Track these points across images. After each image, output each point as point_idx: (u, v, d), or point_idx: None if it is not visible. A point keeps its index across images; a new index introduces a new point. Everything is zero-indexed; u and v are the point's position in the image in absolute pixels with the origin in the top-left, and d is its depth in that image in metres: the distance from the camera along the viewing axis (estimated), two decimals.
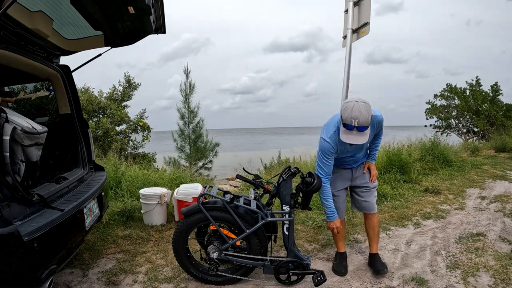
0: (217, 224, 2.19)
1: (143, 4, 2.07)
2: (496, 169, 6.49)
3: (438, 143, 7.07)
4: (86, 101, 9.64)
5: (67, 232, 1.88)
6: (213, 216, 2.13)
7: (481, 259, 2.58)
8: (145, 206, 3.36)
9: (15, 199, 1.60)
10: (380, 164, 5.46)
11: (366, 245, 2.91)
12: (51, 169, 2.58)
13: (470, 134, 16.16)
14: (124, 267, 2.50)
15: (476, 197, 4.44)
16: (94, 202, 2.33)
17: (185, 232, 2.22)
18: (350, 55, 4.41)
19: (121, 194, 4.21)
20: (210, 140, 9.75)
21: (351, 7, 4.35)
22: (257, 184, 2.28)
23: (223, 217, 2.13)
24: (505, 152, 8.92)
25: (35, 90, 3.67)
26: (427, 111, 17.42)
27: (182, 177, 5.08)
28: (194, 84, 9.66)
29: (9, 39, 1.97)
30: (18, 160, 1.70)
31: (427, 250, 2.78)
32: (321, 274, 2.13)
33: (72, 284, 2.27)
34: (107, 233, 3.10)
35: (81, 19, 2.35)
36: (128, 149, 10.37)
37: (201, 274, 2.28)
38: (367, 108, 1.91)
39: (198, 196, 2.19)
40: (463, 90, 16.05)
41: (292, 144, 28.32)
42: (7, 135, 1.62)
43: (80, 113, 2.81)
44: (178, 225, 2.25)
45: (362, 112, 1.88)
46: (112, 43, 2.73)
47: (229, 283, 2.27)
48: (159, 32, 2.76)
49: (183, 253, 2.26)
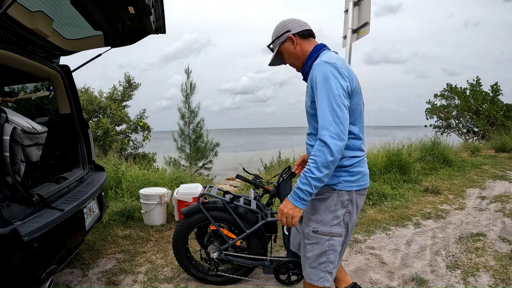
0: (217, 224, 2.19)
1: (143, 4, 2.07)
2: (496, 169, 6.49)
3: (438, 143, 7.07)
4: (86, 101, 9.65)
5: (67, 232, 1.88)
6: (213, 216, 2.12)
7: (481, 259, 2.58)
8: (145, 206, 3.36)
9: (15, 199, 1.60)
10: (380, 164, 5.47)
11: (366, 245, 2.91)
12: (51, 169, 2.58)
13: (470, 134, 16.17)
14: (124, 267, 2.50)
15: (476, 197, 4.44)
16: (94, 202, 2.33)
17: (185, 232, 2.22)
18: (350, 55, 4.41)
19: (121, 194, 4.21)
20: (210, 140, 9.77)
21: (351, 7, 4.35)
22: (257, 184, 2.28)
23: (223, 217, 2.13)
24: (505, 152, 8.92)
25: (35, 90, 3.68)
26: (427, 111, 17.44)
27: (182, 177, 5.08)
28: (195, 84, 9.69)
29: (9, 39, 1.97)
30: (18, 160, 1.70)
31: (427, 250, 2.78)
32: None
33: (72, 284, 2.27)
34: (107, 233, 3.10)
35: (81, 19, 2.35)
36: (128, 149, 10.38)
37: (201, 274, 2.28)
38: (279, 23, 1.56)
39: (198, 196, 2.19)
40: (463, 90, 16.06)
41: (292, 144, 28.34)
42: (7, 135, 1.62)
43: (80, 113, 2.81)
44: (178, 225, 2.25)
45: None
46: (112, 43, 2.73)
47: (229, 283, 2.27)
48: (159, 32, 2.76)
49: (183, 253, 2.26)
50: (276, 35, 1.54)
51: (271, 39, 1.57)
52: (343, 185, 1.41)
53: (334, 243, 1.44)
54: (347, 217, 1.44)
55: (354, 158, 1.42)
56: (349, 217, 1.45)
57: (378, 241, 3.00)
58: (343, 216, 1.44)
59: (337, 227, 1.43)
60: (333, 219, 1.43)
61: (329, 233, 1.43)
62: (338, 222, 1.43)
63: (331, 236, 1.43)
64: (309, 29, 1.53)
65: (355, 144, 1.43)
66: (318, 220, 1.45)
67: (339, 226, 1.44)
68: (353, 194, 1.42)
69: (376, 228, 3.31)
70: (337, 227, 1.43)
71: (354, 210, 1.46)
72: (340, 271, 1.80)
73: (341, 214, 1.43)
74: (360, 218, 3.59)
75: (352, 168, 1.41)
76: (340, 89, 1.30)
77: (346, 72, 1.34)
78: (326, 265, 1.45)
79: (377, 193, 4.32)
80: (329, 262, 1.45)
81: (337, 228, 1.43)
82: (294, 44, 1.51)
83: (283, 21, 1.56)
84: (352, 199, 1.43)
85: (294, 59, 1.54)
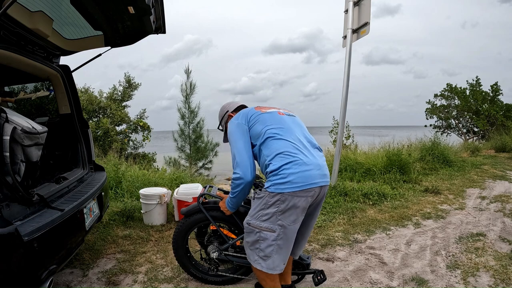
0: (217, 224, 2.19)
1: (143, 4, 2.07)
2: (496, 169, 6.49)
3: (438, 143, 7.08)
4: (86, 101, 9.64)
5: (67, 232, 1.88)
6: (213, 216, 2.12)
7: (481, 259, 2.58)
8: (145, 206, 3.36)
9: (15, 199, 1.60)
10: (380, 164, 5.47)
11: (366, 245, 2.91)
12: (51, 169, 2.58)
13: (470, 134, 16.16)
14: (124, 267, 2.50)
15: (476, 197, 4.44)
16: (94, 202, 2.33)
17: (185, 232, 2.22)
18: (350, 55, 4.42)
19: (121, 194, 4.21)
20: (210, 140, 9.76)
21: (351, 7, 4.36)
22: (257, 184, 2.29)
23: (223, 217, 2.13)
24: (505, 152, 8.93)
25: (35, 90, 3.68)
26: (427, 111, 17.42)
27: (182, 177, 5.08)
28: (195, 84, 9.68)
29: (9, 39, 1.97)
30: (18, 160, 1.70)
31: (427, 250, 2.78)
32: (321, 274, 2.13)
33: (72, 284, 2.27)
34: (107, 233, 3.10)
35: (81, 19, 2.35)
36: (128, 149, 10.36)
37: (201, 274, 2.28)
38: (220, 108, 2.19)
39: (198, 196, 2.19)
40: (463, 90, 16.05)
41: None
42: (7, 135, 1.62)
43: (80, 113, 2.81)
44: (178, 225, 2.25)
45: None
46: (112, 43, 2.73)
47: (230, 283, 2.27)
48: (159, 32, 2.76)
49: (183, 253, 2.26)
50: (220, 118, 2.15)
51: (219, 123, 2.17)
52: (274, 188, 1.62)
53: (264, 236, 1.68)
54: (279, 215, 1.64)
55: (282, 162, 1.64)
56: (283, 216, 1.64)
57: (378, 241, 3.00)
58: (273, 214, 1.64)
59: (267, 223, 1.67)
60: (262, 216, 1.68)
61: (259, 227, 1.69)
62: (268, 218, 1.66)
63: (261, 230, 1.69)
64: (241, 105, 2.13)
65: (279, 149, 1.66)
66: (251, 215, 1.75)
67: (269, 223, 1.66)
68: (285, 196, 1.61)
69: (376, 228, 3.31)
70: (267, 223, 1.67)
71: (291, 211, 1.63)
72: (286, 271, 2.02)
73: (271, 212, 1.65)
74: (360, 218, 3.59)
75: (281, 171, 1.62)
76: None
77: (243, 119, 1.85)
78: (259, 251, 1.72)
79: (377, 193, 4.32)
80: (260, 250, 1.71)
81: (267, 223, 1.67)
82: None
83: (221, 107, 2.17)
84: (285, 200, 1.61)
85: None
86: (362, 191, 4.31)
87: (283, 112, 1.93)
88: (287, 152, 1.65)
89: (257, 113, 1.85)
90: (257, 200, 1.72)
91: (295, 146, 1.69)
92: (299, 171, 1.61)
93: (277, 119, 1.82)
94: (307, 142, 1.78)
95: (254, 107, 1.96)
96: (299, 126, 1.89)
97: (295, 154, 1.65)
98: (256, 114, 1.84)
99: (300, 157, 1.65)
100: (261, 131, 1.76)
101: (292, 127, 1.80)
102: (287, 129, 1.76)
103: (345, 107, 4.50)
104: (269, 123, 1.78)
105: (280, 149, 1.67)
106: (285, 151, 1.66)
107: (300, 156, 1.65)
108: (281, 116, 1.86)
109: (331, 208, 3.84)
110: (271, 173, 1.65)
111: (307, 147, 1.75)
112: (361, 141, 8.98)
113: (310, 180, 1.62)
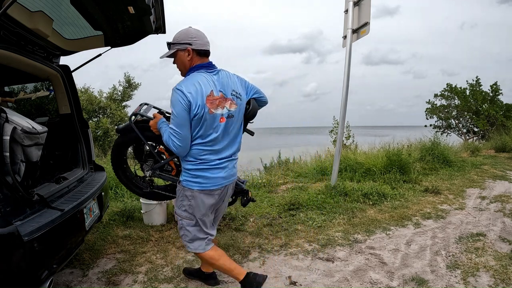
0: (150, 143, 2.17)
1: (143, 4, 2.07)
2: (496, 169, 6.49)
3: (438, 143, 7.07)
4: (86, 101, 9.65)
5: (67, 232, 1.88)
6: (146, 136, 2.08)
7: (481, 259, 2.58)
8: (145, 206, 3.36)
9: (15, 199, 1.60)
10: (380, 164, 5.47)
11: (366, 245, 2.91)
12: (51, 169, 2.58)
13: (470, 134, 16.15)
14: (124, 267, 2.50)
15: (476, 197, 4.44)
16: (94, 202, 2.33)
17: (120, 151, 2.29)
18: (350, 55, 4.42)
19: (121, 194, 4.21)
20: None
21: (351, 7, 4.36)
22: None
23: (156, 137, 2.04)
24: (505, 152, 8.92)
25: (35, 90, 3.67)
26: (427, 111, 17.41)
27: None
28: None
29: (9, 39, 1.97)
30: (18, 160, 1.70)
31: (427, 250, 2.78)
32: (246, 194, 2.24)
33: (72, 284, 2.27)
34: (107, 233, 3.10)
35: (81, 19, 2.35)
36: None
37: (138, 189, 2.38)
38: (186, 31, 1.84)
39: (131, 115, 2.15)
40: (463, 90, 16.04)
41: (292, 144, 28.32)
42: (7, 135, 1.62)
43: (80, 113, 2.81)
44: (114, 142, 2.31)
45: None
46: (112, 43, 2.73)
47: (230, 283, 2.27)
48: (159, 32, 2.77)
49: (121, 171, 2.35)
50: (177, 40, 1.78)
51: (173, 40, 1.80)
52: (186, 183, 1.83)
53: (185, 223, 1.91)
54: (191, 208, 1.86)
55: (197, 165, 1.79)
56: (193, 209, 1.86)
57: (378, 241, 3.00)
58: (187, 206, 1.86)
59: (184, 212, 1.89)
60: (180, 206, 1.90)
61: (180, 215, 1.92)
62: (184, 209, 1.88)
63: (182, 218, 1.91)
64: (207, 50, 1.81)
65: (199, 153, 1.77)
66: (175, 204, 1.97)
67: (185, 212, 1.89)
68: (194, 192, 1.81)
69: (376, 228, 3.31)
70: (183, 213, 1.89)
71: (200, 206, 1.84)
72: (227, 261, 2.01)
73: (185, 204, 1.87)
74: (360, 218, 3.59)
75: (194, 172, 1.80)
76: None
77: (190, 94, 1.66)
78: (185, 236, 1.94)
79: (377, 193, 4.31)
80: (185, 235, 1.94)
81: (183, 213, 1.89)
82: (188, 56, 1.77)
83: (189, 31, 1.79)
84: (195, 196, 1.82)
85: (182, 67, 1.84)
86: (362, 191, 4.31)
87: (227, 113, 1.79)
88: (206, 159, 1.81)
89: (204, 109, 1.69)
90: (177, 191, 1.94)
91: (222, 151, 1.84)
92: (209, 174, 1.82)
93: (214, 127, 1.75)
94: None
95: (207, 93, 1.70)
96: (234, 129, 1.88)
97: (215, 160, 1.83)
98: (202, 110, 1.69)
99: (219, 163, 1.84)
100: (193, 136, 1.76)
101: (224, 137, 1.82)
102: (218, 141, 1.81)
103: (345, 107, 4.51)
104: (203, 132, 1.74)
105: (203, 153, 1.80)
106: (207, 158, 1.81)
107: (217, 162, 1.83)
108: (220, 123, 1.77)
109: (331, 208, 3.84)
110: (185, 170, 1.86)
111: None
112: (361, 141, 8.99)
113: (216, 183, 1.84)
